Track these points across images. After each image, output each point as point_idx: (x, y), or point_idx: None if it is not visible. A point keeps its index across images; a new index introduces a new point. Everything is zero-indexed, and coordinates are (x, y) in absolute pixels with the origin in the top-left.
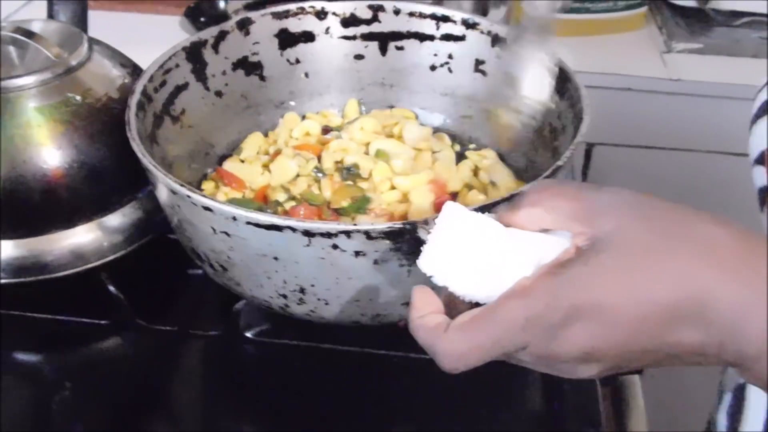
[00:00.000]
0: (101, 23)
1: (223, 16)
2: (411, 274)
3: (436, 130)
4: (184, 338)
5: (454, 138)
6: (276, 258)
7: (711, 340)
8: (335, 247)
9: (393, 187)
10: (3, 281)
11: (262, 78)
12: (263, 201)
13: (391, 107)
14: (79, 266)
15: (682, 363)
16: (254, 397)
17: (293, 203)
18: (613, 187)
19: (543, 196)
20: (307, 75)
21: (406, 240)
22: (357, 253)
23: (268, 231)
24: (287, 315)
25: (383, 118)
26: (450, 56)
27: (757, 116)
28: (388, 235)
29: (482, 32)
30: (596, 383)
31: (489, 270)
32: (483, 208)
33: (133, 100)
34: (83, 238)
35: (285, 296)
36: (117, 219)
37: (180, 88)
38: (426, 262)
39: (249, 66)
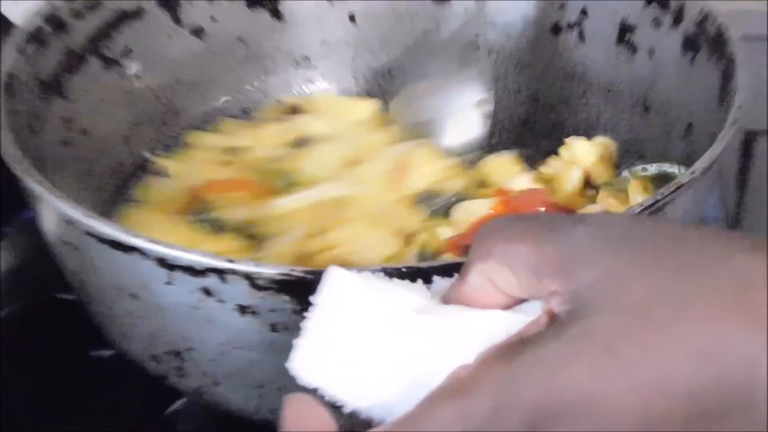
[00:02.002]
0: None
1: None
2: None
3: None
4: None
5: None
6: (134, 296)
7: None
8: (208, 292)
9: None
10: None
11: (277, 14)
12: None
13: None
14: None
15: None
16: None
17: None
18: (595, 215)
19: (494, 244)
20: (352, 18)
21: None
22: (243, 309)
23: (114, 250)
24: (179, 390)
25: None
26: (584, 11)
27: None
28: (284, 287)
29: None
30: None
31: (401, 371)
32: (398, 273)
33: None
34: None
35: (157, 359)
36: None
37: (126, 17)
38: (301, 360)
39: None
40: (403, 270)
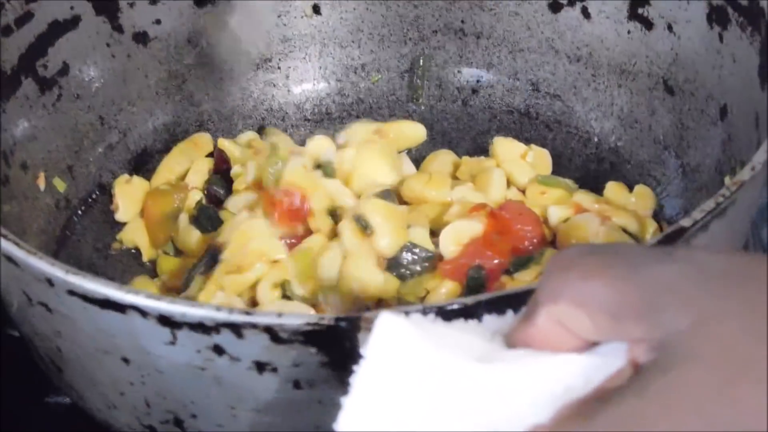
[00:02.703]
0: None
1: None
2: None
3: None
4: None
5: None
6: (126, 360)
7: None
8: (219, 351)
9: None
10: None
11: (230, 11)
12: None
13: (477, 80)
14: None
15: None
16: None
17: None
18: (685, 250)
19: (565, 282)
20: (317, 9)
21: (344, 351)
22: (260, 366)
23: (104, 311)
24: None
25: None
26: None
27: None
28: (311, 338)
29: None
30: None
31: (466, 429)
32: (453, 313)
33: None
34: None
35: (153, 429)
36: None
37: (61, 27)
38: (349, 421)
39: None
40: (449, 309)
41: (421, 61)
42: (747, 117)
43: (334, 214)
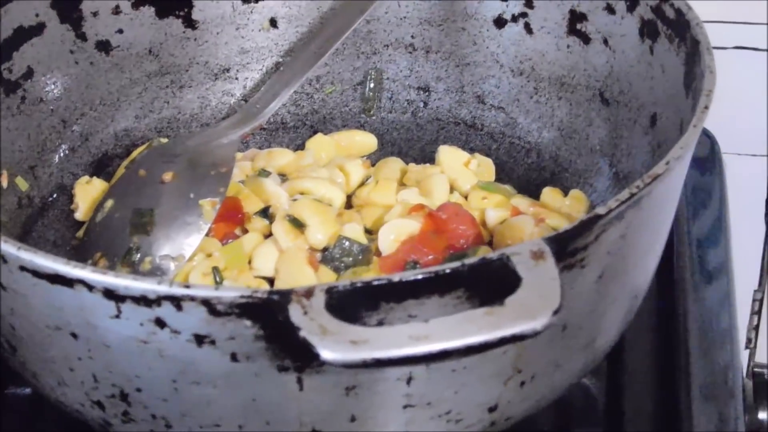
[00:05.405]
0: None
1: None
2: (305, 389)
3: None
4: None
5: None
6: (74, 335)
7: None
8: (161, 323)
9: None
10: None
11: (190, 23)
12: None
13: (426, 92)
14: None
15: None
16: None
17: None
18: None
19: None
20: (274, 23)
21: (277, 325)
22: (199, 339)
23: (53, 286)
24: None
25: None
26: (529, 2)
27: None
28: (245, 310)
29: None
30: None
31: None
32: (378, 288)
33: None
34: None
35: (101, 404)
36: None
37: (26, 33)
38: None
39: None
40: (375, 285)
41: (373, 74)
42: (673, 124)
43: (270, 215)
